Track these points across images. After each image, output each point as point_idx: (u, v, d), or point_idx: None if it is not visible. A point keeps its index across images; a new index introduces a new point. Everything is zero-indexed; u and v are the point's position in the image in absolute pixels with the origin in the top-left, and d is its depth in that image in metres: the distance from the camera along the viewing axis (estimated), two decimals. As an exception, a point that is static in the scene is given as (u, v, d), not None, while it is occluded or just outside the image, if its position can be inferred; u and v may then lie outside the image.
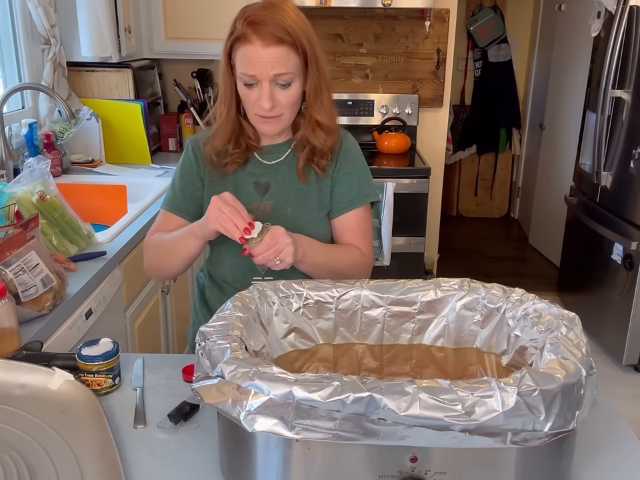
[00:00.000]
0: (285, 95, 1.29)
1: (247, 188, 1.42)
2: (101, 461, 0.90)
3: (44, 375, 1.07)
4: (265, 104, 1.28)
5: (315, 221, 1.42)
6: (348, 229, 1.44)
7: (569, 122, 4.09)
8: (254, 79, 1.27)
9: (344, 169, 1.43)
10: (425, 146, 3.77)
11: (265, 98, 1.27)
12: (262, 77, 1.26)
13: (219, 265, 1.46)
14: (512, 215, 5.59)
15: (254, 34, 1.24)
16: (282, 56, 1.25)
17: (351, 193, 1.43)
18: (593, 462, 0.98)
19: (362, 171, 1.46)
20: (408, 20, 3.60)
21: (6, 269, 1.28)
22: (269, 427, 0.78)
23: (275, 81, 1.27)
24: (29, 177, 1.75)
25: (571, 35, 4.12)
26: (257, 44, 1.24)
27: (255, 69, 1.25)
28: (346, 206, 1.43)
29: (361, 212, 1.45)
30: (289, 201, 1.41)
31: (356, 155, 1.46)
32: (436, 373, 1.13)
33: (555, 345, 0.89)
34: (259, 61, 1.25)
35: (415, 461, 0.82)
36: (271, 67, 1.25)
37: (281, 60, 1.25)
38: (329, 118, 1.37)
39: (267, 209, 1.41)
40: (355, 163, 1.45)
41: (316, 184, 1.43)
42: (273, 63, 1.25)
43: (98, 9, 2.62)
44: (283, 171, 1.43)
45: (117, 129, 2.86)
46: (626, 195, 3.01)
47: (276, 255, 1.21)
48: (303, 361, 1.12)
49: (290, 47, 1.26)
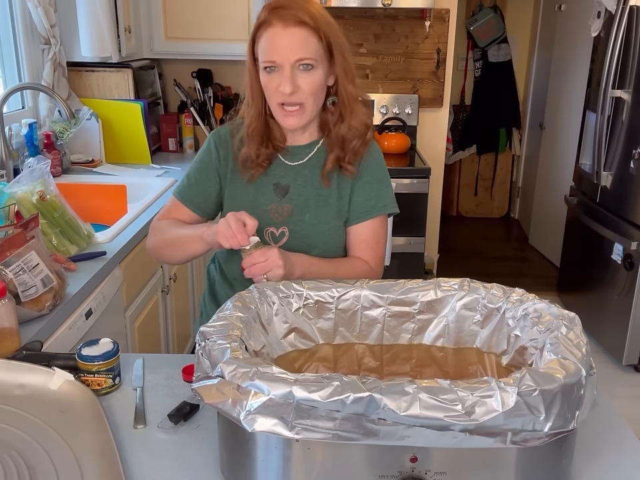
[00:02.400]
0: (306, 80, 1.27)
1: (267, 189, 1.40)
2: (100, 461, 0.90)
3: (44, 374, 1.07)
4: (287, 87, 1.25)
5: (332, 229, 1.40)
6: (361, 239, 1.42)
7: (569, 122, 4.09)
8: (275, 63, 1.25)
9: (364, 178, 1.41)
10: (425, 146, 3.77)
11: (286, 81, 1.25)
12: (283, 61, 1.24)
13: (232, 262, 1.44)
14: (512, 215, 5.59)
15: (275, 17, 1.24)
16: (303, 38, 1.24)
17: (369, 202, 1.41)
18: (593, 462, 0.98)
19: (382, 180, 1.43)
20: (408, 20, 3.61)
21: (6, 269, 1.28)
22: (269, 427, 0.78)
23: (297, 66, 1.25)
24: (29, 176, 1.75)
25: (570, 35, 4.12)
26: (278, 26, 1.23)
27: (276, 53, 1.24)
28: (362, 215, 1.41)
29: (376, 223, 1.42)
30: (308, 206, 1.39)
31: (379, 164, 1.44)
32: (436, 372, 1.13)
33: (554, 345, 0.89)
34: (280, 43, 1.24)
35: (414, 461, 0.82)
36: (292, 49, 1.24)
37: (302, 43, 1.24)
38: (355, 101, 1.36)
39: (285, 212, 1.39)
40: (377, 172, 1.43)
41: (337, 190, 1.40)
42: (293, 45, 1.24)
43: (98, 8, 2.62)
44: (305, 174, 1.41)
45: (117, 129, 2.86)
46: (626, 195, 3.01)
47: (263, 272, 1.19)
48: (302, 361, 1.12)
49: (311, 31, 1.24)
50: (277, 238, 1.40)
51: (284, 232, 1.39)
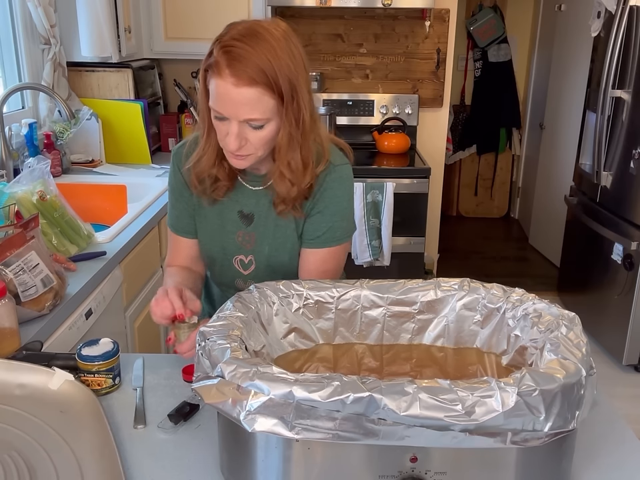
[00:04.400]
0: (255, 136, 1.18)
1: (232, 216, 1.36)
2: (101, 461, 0.90)
3: (44, 374, 1.07)
4: (231, 145, 1.17)
5: (292, 259, 1.38)
6: (308, 267, 1.36)
7: (569, 122, 4.09)
8: (223, 115, 1.16)
9: (317, 207, 1.33)
10: (425, 146, 3.77)
11: (231, 139, 1.16)
12: (231, 116, 1.15)
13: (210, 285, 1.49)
14: (512, 214, 5.59)
15: (227, 68, 1.11)
16: (254, 99, 1.12)
17: (316, 233, 1.34)
18: (593, 462, 0.98)
19: (336, 214, 1.34)
20: (408, 20, 3.60)
21: (6, 269, 1.28)
22: (269, 427, 0.78)
23: (246, 123, 1.16)
24: (29, 176, 1.75)
25: (570, 35, 4.12)
26: (228, 80, 1.11)
27: (224, 108, 1.14)
28: (310, 243, 1.35)
29: (324, 253, 1.35)
30: (267, 238, 1.36)
31: (337, 193, 1.33)
32: (436, 372, 1.13)
33: (555, 344, 0.89)
34: (229, 100, 1.13)
35: (414, 461, 0.82)
36: (241, 109, 1.13)
37: (253, 103, 1.13)
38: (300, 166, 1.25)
39: (252, 240, 1.37)
40: (332, 203, 1.33)
41: (294, 220, 1.35)
42: (243, 105, 1.13)
43: (98, 8, 2.62)
44: (265, 203, 1.35)
45: (117, 128, 2.86)
46: (626, 195, 3.01)
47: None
48: (303, 361, 1.12)
49: (265, 89, 1.12)
50: (246, 265, 1.39)
51: (252, 260, 1.38)
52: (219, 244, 1.38)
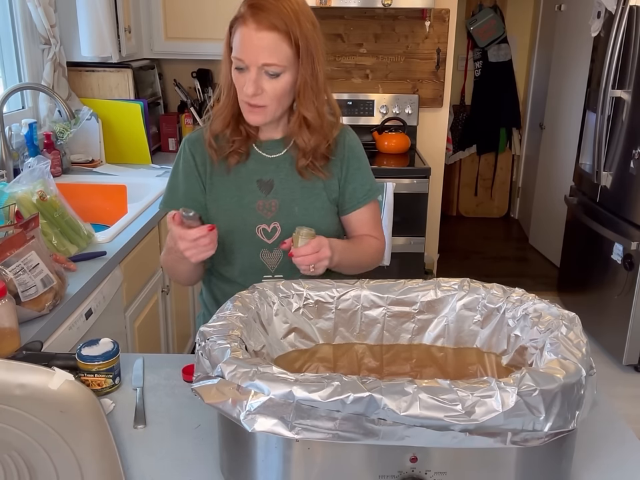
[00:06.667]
0: (271, 85, 1.27)
1: (251, 186, 1.39)
2: (101, 461, 0.90)
3: (44, 375, 1.07)
4: (249, 89, 1.25)
5: (324, 217, 1.41)
6: (365, 222, 1.46)
7: (569, 122, 4.09)
8: (243, 63, 1.25)
9: (353, 166, 1.43)
10: (425, 146, 3.77)
11: (250, 84, 1.25)
12: (250, 62, 1.24)
13: (229, 264, 1.43)
14: (512, 215, 5.59)
15: (251, 16, 1.23)
16: (273, 43, 1.23)
17: (365, 187, 1.44)
18: (593, 462, 0.98)
19: (368, 166, 1.48)
20: (408, 20, 3.60)
21: (6, 269, 1.28)
22: (269, 427, 0.78)
23: (264, 70, 1.25)
24: (29, 176, 1.75)
25: (570, 35, 4.12)
26: (251, 27, 1.22)
27: (245, 53, 1.24)
28: (360, 201, 1.44)
29: (373, 205, 1.48)
30: (295, 199, 1.39)
31: (361, 151, 1.47)
32: (436, 372, 1.13)
33: (555, 344, 0.89)
34: (250, 44, 1.23)
35: (414, 461, 0.82)
36: (260, 53, 1.23)
37: (271, 48, 1.23)
38: (317, 117, 1.34)
39: (274, 207, 1.38)
40: (361, 158, 1.46)
41: (322, 180, 1.41)
42: (262, 49, 1.23)
43: (98, 8, 2.62)
44: (285, 167, 1.40)
45: (117, 129, 2.86)
46: (626, 194, 3.01)
47: (315, 261, 1.22)
48: (303, 361, 1.12)
49: (283, 36, 1.23)
50: (269, 234, 1.39)
51: (276, 227, 1.39)
52: (239, 217, 1.38)
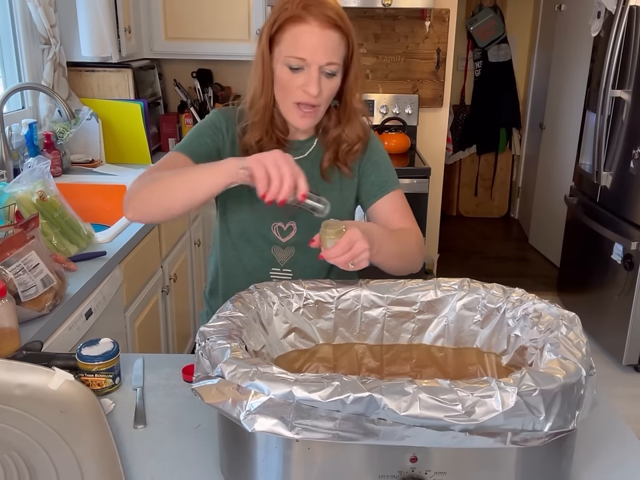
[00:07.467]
0: (327, 85, 1.25)
1: None
2: (101, 461, 0.90)
3: (44, 374, 1.07)
4: (314, 89, 1.22)
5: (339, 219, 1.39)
6: (391, 211, 1.40)
7: (569, 122, 4.09)
8: (304, 62, 1.22)
9: (372, 158, 1.42)
10: (425, 146, 3.77)
11: (314, 83, 1.22)
12: (313, 60, 1.21)
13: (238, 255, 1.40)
14: (512, 215, 5.59)
15: (310, 15, 1.20)
16: (336, 41, 1.22)
17: (383, 178, 1.42)
18: (593, 462, 0.98)
19: (389, 163, 1.46)
20: (408, 20, 3.60)
21: (6, 269, 1.28)
22: (269, 427, 0.78)
23: (323, 70, 1.23)
24: (29, 176, 1.75)
25: (570, 35, 4.12)
26: (314, 24, 1.20)
27: (307, 52, 1.21)
28: (382, 190, 1.40)
29: (398, 194, 1.42)
30: None
31: (382, 150, 1.46)
32: (436, 373, 1.13)
33: (555, 344, 0.89)
34: (313, 42, 1.20)
35: (414, 461, 0.82)
36: (324, 52, 1.21)
37: (335, 46, 1.22)
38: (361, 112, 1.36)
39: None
40: (381, 153, 1.45)
41: (339, 183, 1.40)
42: (326, 47, 1.21)
43: (98, 8, 2.62)
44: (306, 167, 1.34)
45: (117, 129, 2.86)
46: (626, 194, 3.01)
47: (350, 260, 1.11)
48: (303, 361, 1.12)
49: (342, 35, 1.23)
50: (285, 232, 1.38)
51: (292, 226, 1.38)
52: (257, 212, 1.36)
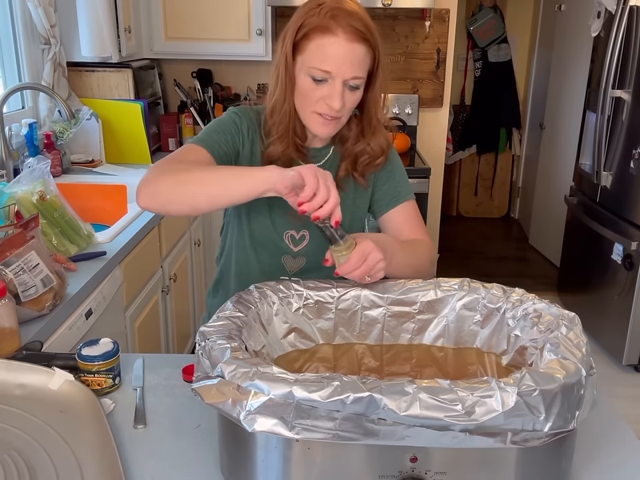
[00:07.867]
0: (350, 99, 1.23)
1: None
2: (101, 461, 0.90)
3: (44, 374, 1.07)
4: (336, 103, 1.20)
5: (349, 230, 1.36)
6: (405, 219, 1.39)
7: (569, 122, 4.09)
8: (328, 75, 1.19)
9: (386, 167, 1.41)
10: (425, 146, 3.77)
11: (337, 97, 1.20)
12: (337, 74, 1.19)
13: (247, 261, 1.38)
14: (512, 215, 5.59)
15: (338, 27, 1.17)
16: (362, 56, 1.20)
17: (397, 188, 1.41)
18: (593, 462, 0.98)
19: (403, 172, 1.46)
20: (408, 20, 3.60)
21: (6, 269, 1.28)
22: (269, 427, 0.78)
23: (347, 83, 1.21)
24: (29, 176, 1.75)
25: (570, 35, 4.12)
26: (341, 37, 1.17)
27: (332, 65, 1.18)
28: (394, 200, 1.40)
29: (410, 205, 1.41)
30: None
31: (396, 156, 1.45)
32: (436, 372, 1.13)
33: (555, 344, 0.89)
34: (339, 55, 1.18)
35: (414, 461, 0.82)
36: (350, 66, 1.19)
37: (361, 60, 1.20)
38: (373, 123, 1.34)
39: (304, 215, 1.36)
40: (396, 162, 1.44)
41: (353, 192, 1.38)
42: (352, 62, 1.19)
43: (98, 8, 2.62)
44: None
45: (117, 129, 2.86)
46: (626, 194, 3.01)
47: (367, 272, 1.11)
48: (303, 361, 1.12)
49: (369, 48, 1.21)
50: (297, 241, 1.37)
51: (304, 235, 1.36)
52: (268, 219, 1.34)
